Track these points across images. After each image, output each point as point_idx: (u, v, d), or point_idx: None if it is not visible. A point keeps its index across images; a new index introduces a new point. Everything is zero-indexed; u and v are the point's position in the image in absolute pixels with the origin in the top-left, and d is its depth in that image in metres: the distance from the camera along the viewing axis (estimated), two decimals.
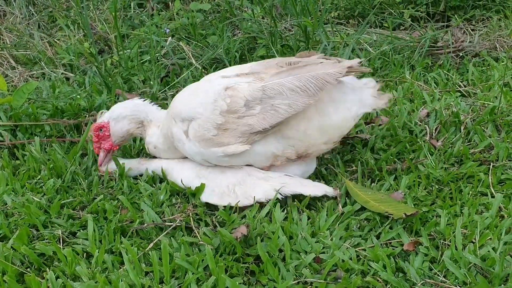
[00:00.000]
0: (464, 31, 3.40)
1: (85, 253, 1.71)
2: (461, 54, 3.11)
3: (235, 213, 1.84)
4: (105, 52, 3.52)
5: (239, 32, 3.47)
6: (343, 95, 1.91)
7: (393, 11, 3.58)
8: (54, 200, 1.94)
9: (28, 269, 1.65)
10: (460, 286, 1.50)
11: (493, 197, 1.86)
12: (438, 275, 1.54)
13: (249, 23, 3.37)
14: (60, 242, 1.75)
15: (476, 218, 1.73)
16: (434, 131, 2.30)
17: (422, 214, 1.77)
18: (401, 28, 3.54)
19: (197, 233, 1.76)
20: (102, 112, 2.09)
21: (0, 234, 1.79)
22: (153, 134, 2.07)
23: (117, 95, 2.75)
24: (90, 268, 1.62)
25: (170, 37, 3.27)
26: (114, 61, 3.24)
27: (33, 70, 3.34)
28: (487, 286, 1.46)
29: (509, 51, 3.09)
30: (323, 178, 2.04)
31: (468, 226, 1.72)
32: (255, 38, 3.26)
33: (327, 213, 1.81)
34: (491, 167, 2.00)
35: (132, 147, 2.32)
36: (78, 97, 2.72)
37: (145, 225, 1.79)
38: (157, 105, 2.14)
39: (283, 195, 1.85)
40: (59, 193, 2.01)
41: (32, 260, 1.66)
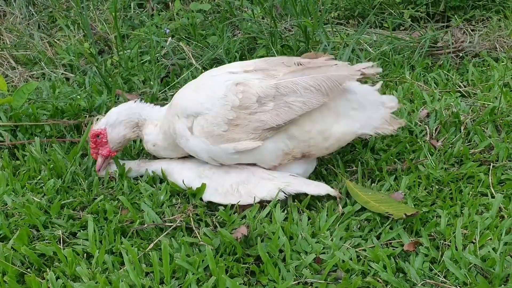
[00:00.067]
0: (464, 32, 3.40)
1: (85, 254, 1.71)
2: (461, 55, 3.11)
3: (235, 213, 1.84)
4: (105, 53, 3.52)
5: (239, 32, 3.47)
6: (350, 110, 1.91)
7: (393, 11, 3.58)
8: (54, 200, 1.94)
9: (29, 269, 1.65)
10: (460, 287, 1.50)
11: (493, 197, 1.86)
12: (439, 275, 1.54)
13: (249, 23, 3.37)
14: (60, 242, 1.75)
15: (476, 219, 1.73)
16: (434, 131, 2.30)
17: (422, 215, 1.77)
18: (401, 28, 3.54)
19: (197, 233, 1.76)
20: (98, 119, 2.09)
21: (0, 235, 1.80)
22: (150, 133, 2.05)
23: (117, 96, 2.75)
24: (91, 269, 1.62)
25: (170, 38, 3.27)
26: (114, 62, 3.24)
27: (33, 70, 3.34)
28: (487, 286, 1.46)
29: (509, 51, 3.09)
30: (323, 178, 2.04)
31: (468, 227, 1.72)
32: (255, 38, 3.26)
33: (327, 213, 1.81)
34: (491, 167, 2.01)
35: (132, 147, 2.32)
36: (78, 97, 2.72)
37: (146, 225, 1.79)
38: (153, 104, 2.13)
39: (286, 194, 1.85)
40: (59, 194, 2.01)
41: (33, 261, 1.66)
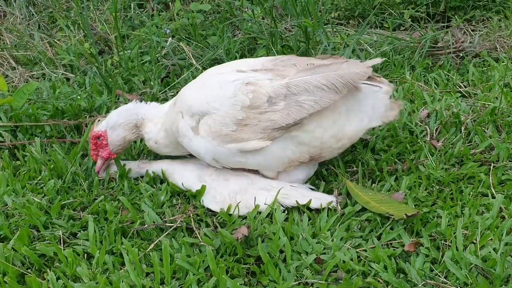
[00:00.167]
0: (464, 32, 3.40)
1: (85, 254, 1.71)
2: (461, 55, 3.11)
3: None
4: (105, 53, 3.52)
5: (239, 32, 3.47)
6: (359, 105, 1.90)
7: (393, 11, 3.58)
8: (55, 200, 1.94)
9: (29, 270, 1.65)
10: (461, 287, 1.50)
11: (493, 197, 1.86)
12: (439, 276, 1.54)
13: (249, 23, 3.37)
14: (60, 243, 1.75)
15: (477, 219, 1.73)
16: (434, 131, 2.30)
17: (423, 215, 1.77)
18: (401, 28, 3.54)
19: (197, 234, 1.76)
20: (99, 120, 2.08)
21: (1, 235, 1.79)
22: (150, 131, 2.04)
23: (117, 96, 2.75)
24: (91, 269, 1.62)
25: (171, 38, 3.27)
26: (115, 62, 3.24)
27: (33, 70, 3.34)
28: (488, 287, 1.46)
29: (509, 51, 3.09)
30: (323, 178, 2.04)
31: (469, 227, 1.72)
32: (255, 38, 3.26)
33: (327, 214, 1.81)
34: (491, 167, 2.00)
35: (133, 148, 2.32)
36: (78, 97, 2.72)
37: (146, 226, 1.79)
38: (149, 102, 2.12)
39: (284, 206, 1.85)
40: (59, 194, 2.01)
41: (33, 261, 1.66)
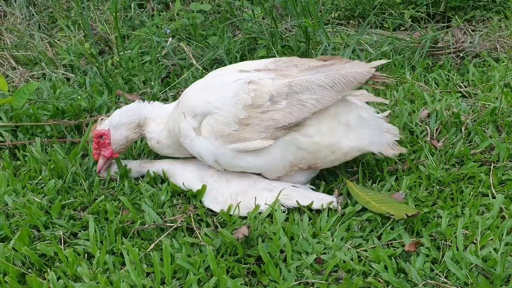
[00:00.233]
0: (465, 32, 3.40)
1: (86, 254, 1.71)
2: (461, 55, 3.11)
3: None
4: (105, 53, 3.53)
5: (239, 32, 3.47)
6: (360, 126, 1.90)
7: (393, 11, 3.58)
8: (55, 200, 1.94)
9: (29, 269, 1.65)
10: (461, 287, 1.50)
11: (494, 197, 1.86)
12: (440, 275, 1.54)
13: (249, 23, 3.38)
14: (61, 242, 1.75)
15: (477, 219, 1.73)
16: (435, 131, 2.30)
17: (423, 215, 1.77)
18: (401, 28, 3.55)
19: (198, 234, 1.76)
20: (102, 119, 2.09)
21: (1, 235, 1.79)
22: (153, 130, 2.04)
23: (118, 96, 2.75)
24: (91, 269, 1.62)
25: (171, 38, 3.27)
26: (115, 62, 3.24)
27: (34, 70, 3.35)
28: (488, 287, 1.46)
29: (509, 51, 3.09)
30: (324, 178, 2.04)
31: (469, 227, 1.72)
32: (255, 38, 3.26)
33: (328, 214, 1.81)
34: (492, 167, 2.00)
35: (133, 147, 2.32)
36: (78, 97, 2.72)
37: (146, 226, 1.79)
38: (152, 102, 2.12)
39: (285, 207, 1.85)
40: (60, 194, 2.01)
41: (33, 261, 1.66)
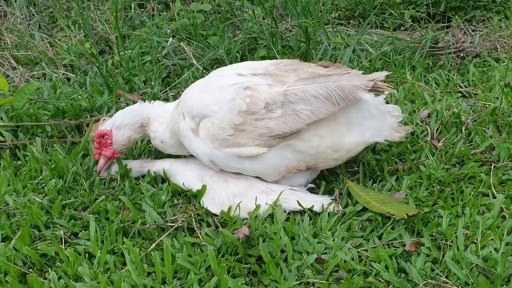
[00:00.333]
0: (465, 32, 3.40)
1: (87, 254, 1.71)
2: (461, 55, 3.11)
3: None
4: (106, 53, 3.53)
5: (240, 32, 3.48)
6: (362, 119, 1.88)
7: (393, 11, 3.58)
8: (56, 200, 1.94)
9: (30, 269, 1.65)
10: (462, 287, 1.50)
11: (494, 197, 1.86)
12: (440, 275, 1.54)
13: (250, 23, 3.38)
14: (62, 242, 1.75)
15: (477, 219, 1.73)
16: (435, 131, 2.30)
17: (424, 215, 1.77)
18: (401, 28, 3.55)
19: (199, 233, 1.76)
20: (104, 119, 2.09)
21: (2, 235, 1.79)
22: (156, 130, 2.05)
23: (118, 96, 2.75)
24: (92, 269, 1.62)
25: (171, 38, 3.27)
26: (115, 62, 3.24)
27: (34, 70, 3.35)
28: (489, 286, 1.46)
29: (509, 51, 3.09)
30: (324, 178, 2.04)
31: (469, 227, 1.72)
32: (256, 38, 3.26)
33: (328, 214, 1.81)
34: (492, 167, 2.01)
35: (134, 147, 2.32)
36: (79, 97, 2.72)
37: (147, 225, 1.79)
38: (153, 101, 2.13)
39: (283, 210, 1.84)
40: (60, 194, 2.01)
41: (34, 261, 1.66)
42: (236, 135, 1.81)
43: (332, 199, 1.89)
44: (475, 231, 1.67)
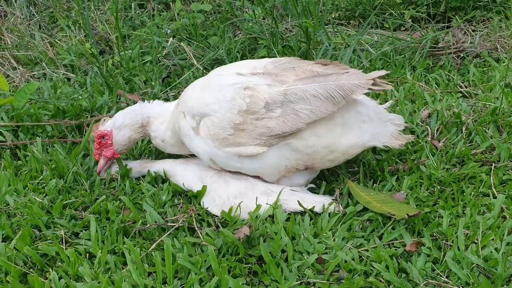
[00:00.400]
0: (465, 32, 3.40)
1: (87, 254, 1.71)
2: (462, 55, 3.12)
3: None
4: (106, 53, 3.53)
5: (240, 32, 3.48)
6: (360, 122, 1.88)
7: (393, 12, 3.58)
8: (56, 200, 1.94)
9: (31, 269, 1.65)
10: (462, 287, 1.50)
11: (495, 197, 1.86)
12: (441, 275, 1.54)
13: (250, 23, 3.38)
14: (62, 242, 1.75)
15: (478, 219, 1.73)
16: (435, 131, 2.30)
17: (424, 215, 1.77)
18: (402, 29, 3.55)
19: (199, 233, 1.76)
20: (104, 120, 2.09)
21: (3, 235, 1.79)
22: (156, 129, 2.05)
23: (118, 96, 2.75)
24: (93, 269, 1.62)
25: (171, 38, 3.28)
26: (116, 62, 3.25)
27: (34, 70, 3.35)
28: (489, 286, 1.46)
29: (510, 51, 3.10)
30: (325, 178, 2.04)
31: (470, 227, 1.72)
32: (256, 38, 3.26)
33: (329, 214, 1.81)
34: (492, 167, 2.01)
35: (134, 147, 2.32)
36: (79, 97, 2.72)
37: (148, 225, 1.79)
38: (151, 101, 2.13)
39: (283, 211, 1.83)
40: (61, 194, 2.01)
41: (35, 261, 1.66)
42: (236, 134, 1.82)
43: (332, 199, 1.89)
44: (476, 231, 1.67)
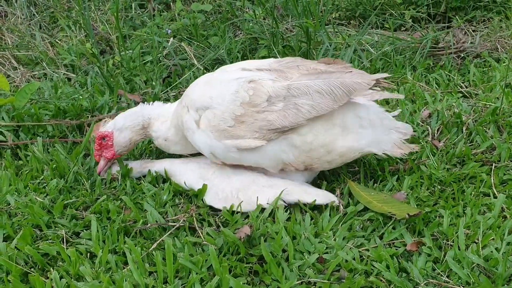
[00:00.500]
0: (465, 32, 3.41)
1: (88, 253, 1.71)
2: (462, 55, 3.12)
3: (238, 213, 1.84)
4: (106, 53, 3.53)
5: (240, 33, 3.48)
6: (359, 127, 1.88)
7: (394, 12, 3.59)
8: (57, 200, 1.95)
9: (32, 269, 1.65)
10: (463, 286, 1.50)
11: (495, 197, 1.86)
12: (441, 275, 1.55)
13: (250, 24, 3.38)
14: (63, 242, 1.75)
15: (478, 219, 1.73)
16: (436, 131, 2.30)
17: (425, 215, 1.77)
18: (402, 29, 3.55)
19: (200, 233, 1.77)
20: (105, 121, 2.10)
21: (4, 234, 1.80)
22: (158, 129, 2.06)
23: (119, 96, 2.76)
24: (94, 268, 1.62)
25: (172, 38, 3.28)
26: (116, 62, 3.25)
27: (35, 70, 3.35)
28: (490, 286, 1.46)
29: (510, 52, 3.10)
30: (325, 178, 2.05)
31: (470, 227, 1.72)
32: (256, 39, 3.27)
33: (330, 213, 1.81)
34: (493, 167, 2.01)
35: (135, 148, 2.32)
36: (80, 97, 2.73)
37: (149, 225, 1.79)
38: (151, 102, 2.14)
39: (286, 203, 1.85)
40: (62, 194, 2.01)
41: (36, 260, 1.67)
42: (236, 126, 1.83)
43: (338, 196, 1.89)
44: (476, 231, 1.67)
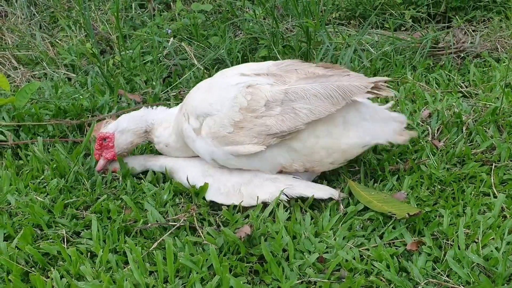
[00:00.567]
0: (465, 32, 3.41)
1: (89, 253, 1.71)
2: (462, 55, 3.12)
3: (238, 213, 1.84)
4: (107, 53, 3.53)
5: (240, 32, 3.48)
6: (361, 121, 1.88)
7: (394, 12, 3.59)
8: (58, 200, 1.95)
9: (33, 268, 1.66)
10: (463, 286, 1.51)
11: (495, 197, 1.86)
12: (441, 274, 1.55)
13: (250, 23, 3.38)
14: (64, 241, 1.76)
15: (478, 218, 1.73)
16: (436, 131, 2.31)
17: (425, 214, 1.77)
18: (402, 29, 3.55)
19: (201, 232, 1.77)
20: (107, 121, 2.10)
21: (5, 234, 1.80)
22: (160, 135, 2.07)
23: (119, 96, 2.76)
24: (95, 268, 1.63)
25: (172, 38, 3.28)
26: (116, 62, 3.25)
27: (35, 70, 3.35)
28: (490, 285, 1.46)
29: (510, 51, 3.10)
30: (325, 178, 2.05)
31: (470, 226, 1.72)
32: (256, 38, 3.27)
33: (330, 213, 1.82)
34: (493, 167, 2.01)
35: (136, 148, 2.32)
36: (80, 97, 2.73)
37: (149, 224, 1.79)
38: (155, 106, 2.15)
39: (288, 196, 1.85)
40: (62, 193, 2.02)
41: (37, 260, 1.67)
42: (235, 132, 1.83)
43: (338, 194, 1.89)
44: (476, 231, 1.68)
